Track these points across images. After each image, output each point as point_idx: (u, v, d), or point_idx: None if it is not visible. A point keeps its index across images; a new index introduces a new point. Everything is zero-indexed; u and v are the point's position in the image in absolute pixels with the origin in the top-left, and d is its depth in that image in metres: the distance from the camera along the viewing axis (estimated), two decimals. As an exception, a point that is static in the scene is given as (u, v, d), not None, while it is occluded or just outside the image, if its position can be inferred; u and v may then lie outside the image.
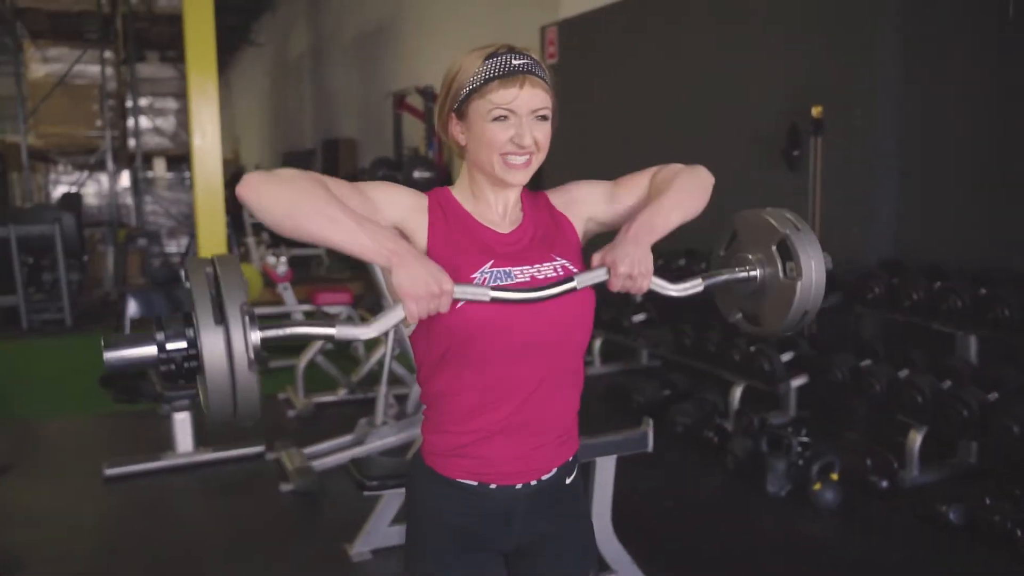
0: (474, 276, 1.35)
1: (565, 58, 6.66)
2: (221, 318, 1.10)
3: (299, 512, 3.65)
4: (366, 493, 2.88)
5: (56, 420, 5.04)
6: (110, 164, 10.59)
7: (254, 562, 3.22)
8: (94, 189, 11.98)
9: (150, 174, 11.86)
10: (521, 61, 1.37)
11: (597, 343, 5.68)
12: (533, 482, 1.44)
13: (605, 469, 2.79)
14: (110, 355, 1.11)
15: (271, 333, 1.18)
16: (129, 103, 11.05)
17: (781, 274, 1.48)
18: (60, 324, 7.76)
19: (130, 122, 11.20)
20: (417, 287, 1.22)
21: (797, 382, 4.25)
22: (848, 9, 4.40)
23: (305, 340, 1.25)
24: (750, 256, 1.53)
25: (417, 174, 8.95)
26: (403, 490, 2.05)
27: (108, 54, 10.88)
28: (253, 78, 21.82)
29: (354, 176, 10.13)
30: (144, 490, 3.93)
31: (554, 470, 1.46)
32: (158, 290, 6.63)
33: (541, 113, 1.38)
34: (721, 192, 1.56)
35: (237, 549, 3.32)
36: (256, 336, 1.14)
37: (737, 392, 4.37)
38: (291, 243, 9.27)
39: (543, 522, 1.47)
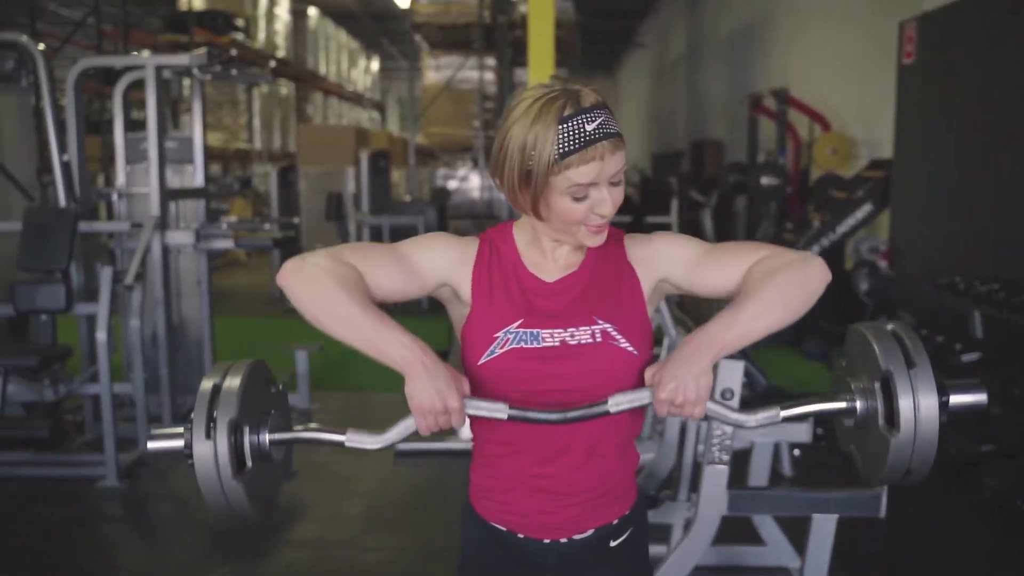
0: (497, 335, 1.29)
1: (923, 57, 5.94)
2: (209, 433, 1.17)
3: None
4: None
5: (383, 394, 5.62)
6: (481, 161, 11.58)
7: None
8: (479, 184, 13.18)
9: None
10: (595, 125, 1.19)
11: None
12: (563, 540, 1.33)
13: (823, 528, 2.47)
14: (151, 445, 1.22)
15: (280, 436, 1.25)
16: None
17: (881, 419, 1.20)
18: (418, 305, 8.66)
19: (506, 123, 12.10)
20: (423, 403, 1.19)
21: None
22: None
23: (316, 444, 1.29)
24: (853, 385, 1.25)
25: (765, 180, 8.54)
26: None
27: (490, 61, 11.87)
28: (638, 79, 22.41)
29: (713, 181, 9.95)
30: (424, 468, 4.27)
31: (590, 531, 1.34)
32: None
33: (618, 178, 1.25)
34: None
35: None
36: (266, 438, 1.23)
37: (1074, 461, 3.61)
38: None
39: None
